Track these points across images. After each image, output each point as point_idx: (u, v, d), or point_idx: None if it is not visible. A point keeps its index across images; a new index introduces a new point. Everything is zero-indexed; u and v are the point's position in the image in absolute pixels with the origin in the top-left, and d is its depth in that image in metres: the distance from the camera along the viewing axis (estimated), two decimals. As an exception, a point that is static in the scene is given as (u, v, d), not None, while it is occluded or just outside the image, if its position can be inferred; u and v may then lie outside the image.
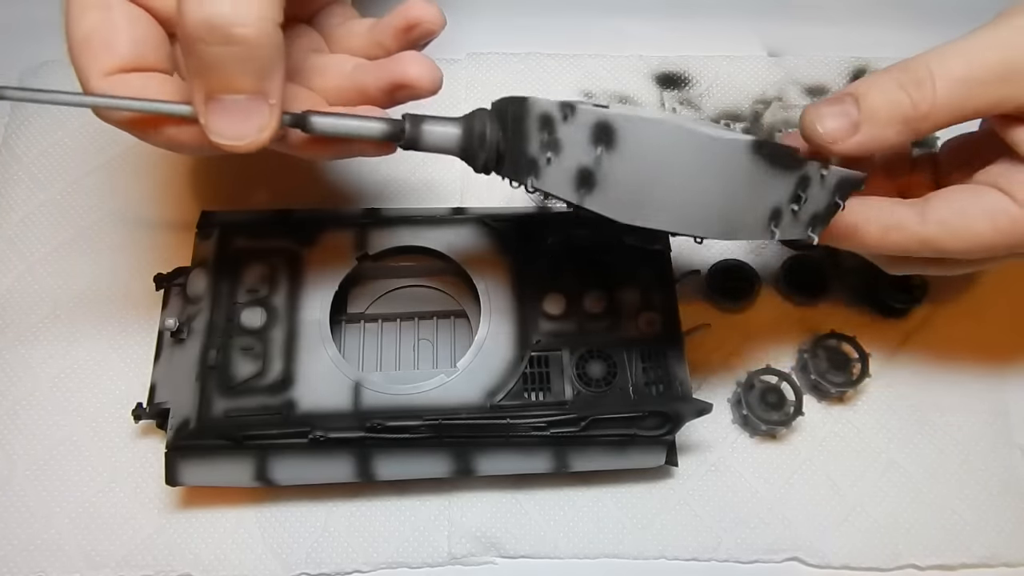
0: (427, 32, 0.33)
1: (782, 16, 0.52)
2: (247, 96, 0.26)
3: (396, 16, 0.33)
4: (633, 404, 0.36)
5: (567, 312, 0.38)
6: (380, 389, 0.36)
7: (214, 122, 0.26)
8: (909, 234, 0.32)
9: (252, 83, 0.26)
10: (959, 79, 0.30)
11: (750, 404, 0.40)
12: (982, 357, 0.43)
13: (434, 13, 0.32)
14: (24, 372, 0.41)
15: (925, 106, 0.30)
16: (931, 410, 0.42)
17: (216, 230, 0.39)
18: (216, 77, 0.26)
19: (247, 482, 0.36)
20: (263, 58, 0.26)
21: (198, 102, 0.26)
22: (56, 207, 0.45)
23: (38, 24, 0.51)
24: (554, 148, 0.28)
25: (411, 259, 0.41)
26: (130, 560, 0.38)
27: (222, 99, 0.26)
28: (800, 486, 0.40)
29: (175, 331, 0.38)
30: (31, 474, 0.39)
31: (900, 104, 0.30)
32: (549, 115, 0.27)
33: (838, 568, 0.39)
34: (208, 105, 0.26)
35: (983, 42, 0.30)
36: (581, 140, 0.27)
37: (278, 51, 0.26)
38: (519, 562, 0.39)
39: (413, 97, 0.32)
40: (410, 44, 0.33)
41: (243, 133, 0.27)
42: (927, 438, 0.41)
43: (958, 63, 0.30)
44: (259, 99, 0.26)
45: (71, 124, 0.47)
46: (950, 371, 0.42)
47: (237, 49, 0.25)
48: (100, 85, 0.28)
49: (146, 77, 0.29)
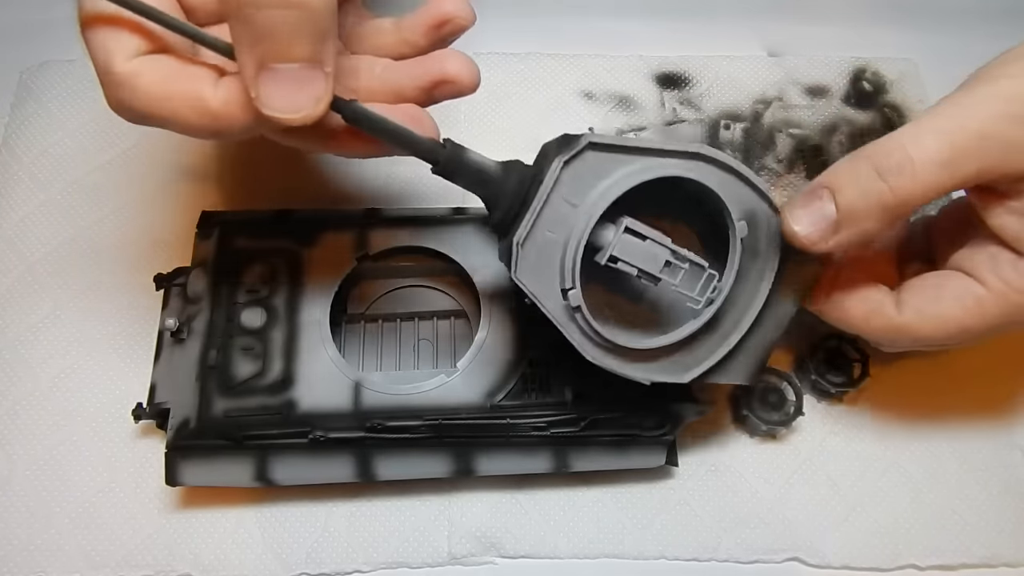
0: (459, 28, 0.32)
1: (782, 16, 0.53)
2: (302, 65, 0.25)
3: (426, 13, 0.32)
4: (633, 404, 0.36)
5: (567, 312, 0.38)
6: (380, 389, 0.36)
7: (267, 93, 0.25)
8: (887, 320, 0.33)
9: (309, 49, 0.24)
10: (938, 161, 0.28)
11: (750, 404, 0.40)
12: (982, 357, 0.43)
13: (465, 9, 0.32)
14: (24, 372, 0.41)
15: (904, 193, 0.29)
16: (931, 410, 0.42)
17: (216, 230, 0.39)
18: (271, 44, 0.24)
19: (247, 482, 0.36)
20: (321, 21, 0.24)
21: (248, 74, 0.25)
22: (56, 207, 0.45)
23: (38, 24, 0.51)
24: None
25: (411, 259, 0.41)
26: (130, 560, 0.38)
27: (275, 69, 0.24)
28: (800, 486, 0.40)
29: (175, 331, 0.38)
30: (31, 474, 0.39)
31: (879, 195, 0.29)
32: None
33: (838, 568, 0.39)
34: (260, 75, 0.25)
35: (960, 113, 0.29)
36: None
37: (333, 16, 0.25)
38: (519, 562, 0.39)
39: (454, 94, 0.32)
40: (440, 41, 0.32)
41: (299, 104, 0.25)
42: (927, 438, 0.41)
43: (935, 143, 0.28)
44: (315, 67, 0.25)
45: (71, 124, 0.47)
46: (950, 371, 0.42)
47: (295, 12, 0.24)
48: (125, 69, 0.26)
49: (167, 57, 0.27)
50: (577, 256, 0.29)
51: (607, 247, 0.30)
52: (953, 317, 0.31)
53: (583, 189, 0.29)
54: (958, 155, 0.28)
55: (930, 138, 0.29)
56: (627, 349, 0.31)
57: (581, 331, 0.30)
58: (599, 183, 0.29)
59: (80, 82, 0.48)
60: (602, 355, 0.31)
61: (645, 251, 0.30)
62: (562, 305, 0.30)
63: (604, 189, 0.29)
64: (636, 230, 0.30)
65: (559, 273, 0.30)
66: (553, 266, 0.30)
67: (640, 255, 0.30)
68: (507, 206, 0.29)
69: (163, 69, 0.26)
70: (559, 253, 0.29)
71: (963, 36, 0.49)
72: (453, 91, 0.31)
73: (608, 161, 0.29)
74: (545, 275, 0.30)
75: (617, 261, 0.30)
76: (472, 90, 0.31)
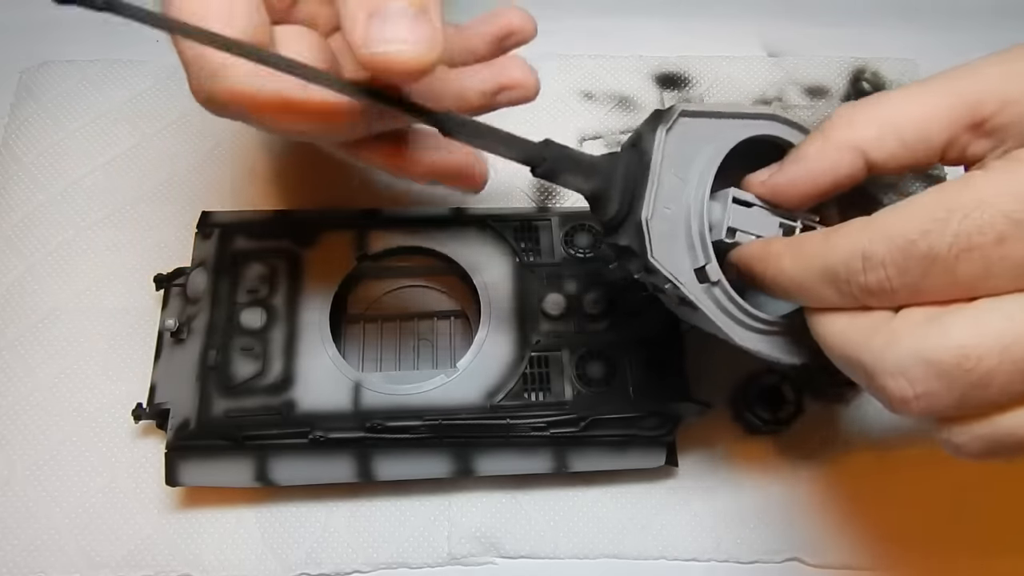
0: (523, 41, 0.33)
1: (782, 16, 0.53)
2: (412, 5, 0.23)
3: (491, 24, 0.32)
4: (633, 404, 0.36)
5: (567, 312, 0.38)
6: (380, 389, 0.36)
7: (379, 30, 0.23)
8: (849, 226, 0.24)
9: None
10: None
11: (750, 404, 0.40)
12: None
13: (529, 22, 0.32)
14: (24, 372, 0.41)
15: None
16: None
17: (216, 230, 0.39)
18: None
19: (247, 482, 0.36)
20: None
21: (360, 20, 0.23)
22: (56, 207, 0.45)
23: (38, 24, 0.51)
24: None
25: (411, 259, 0.41)
26: (130, 560, 0.38)
27: (385, 12, 0.23)
28: (800, 486, 0.40)
29: (175, 331, 0.38)
30: (31, 474, 0.39)
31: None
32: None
33: (838, 568, 0.39)
34: (371, 20, 0.23)
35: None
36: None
37: None
38: (519, 562, 0.39)
39: (517, 100, 0.32)
40: (502, 51, 0.33)
41: (412, 37, 0.23)
42: (927, 438, 0.41)
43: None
44: (424, 14, 0.23)
45: (71, 125, 0.47)
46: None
47: None
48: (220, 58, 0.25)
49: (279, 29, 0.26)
50: (704, 228, 0.28)
51: (721, 221, 0.28)
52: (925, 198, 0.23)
53: (687, 160, 0.28)
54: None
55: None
56: (769, 322, 0.29)
57: (722, 307, 0.28)
58: (700, 151, 0.29)
59: (80, 82, 0.48)
60: (746, 334, 0.29)
61: (757, 218, 0.29)
62: (697, 284, 0.28)
63: (707, 155, 0.28)
64: (742, 199, 0.29)
65: (687, 251, 0.28)
66: (678, 245, 0.28)
67: (755, 223, 0.29)
68: (619, 195, 0.28)
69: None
70: (682, 230, 0.28)
71: (963, 36, 0.49)
72: (517, 97, 0.32)
73: (703, 127, 0.29)
74: (674, 255, 0.28)
75: (735, 233, 0.28)
76: (534, 96, 0.32)
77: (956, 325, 0.21)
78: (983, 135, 0.25)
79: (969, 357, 0.20)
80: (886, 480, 0.40)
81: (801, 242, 0.25)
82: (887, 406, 0.23)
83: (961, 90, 0.24)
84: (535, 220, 0.40)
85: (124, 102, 0.48)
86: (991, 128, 0.24)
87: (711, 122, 0.29)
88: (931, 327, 0.21)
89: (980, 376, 0.20)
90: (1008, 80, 0.24)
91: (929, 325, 0.21)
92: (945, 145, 0.25)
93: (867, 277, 0.22)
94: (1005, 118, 0.24)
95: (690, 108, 0.28)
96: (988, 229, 0.20)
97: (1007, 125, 0.24)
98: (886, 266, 0.22)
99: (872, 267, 0.22)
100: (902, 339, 0.22)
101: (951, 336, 0.21)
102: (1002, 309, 0.21)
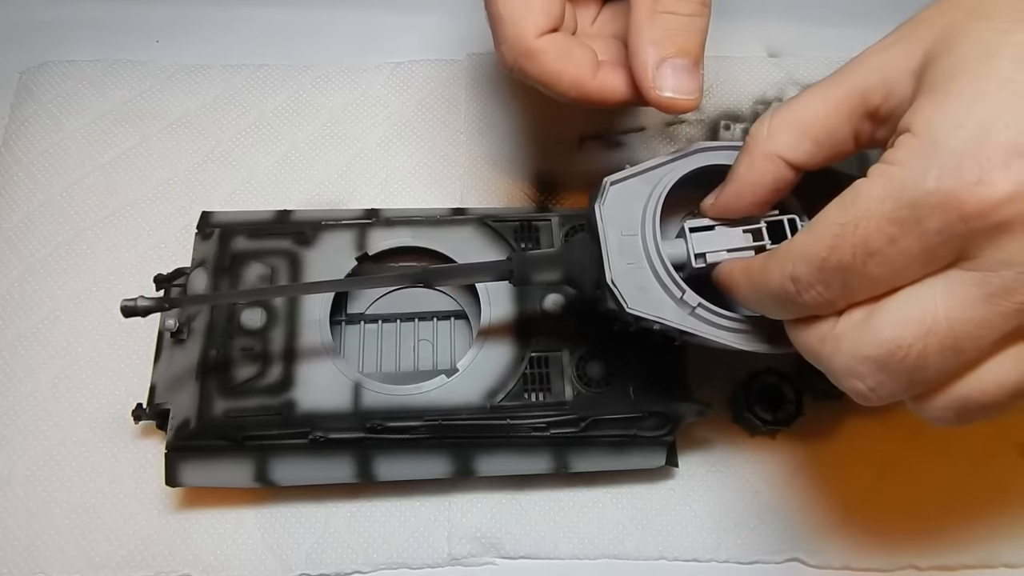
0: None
1: (782, 16, 0.52)
2: (692, 61, 0.30)
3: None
4: (633, 404, 0.36)
5: (567, 312, 0.38)
6: (380, 389, 0.36)
7: (664, 80, 0.30)
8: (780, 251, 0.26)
9: (700, 50, 0.30)
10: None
11: (750, 404, 0.40)
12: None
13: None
14: (24, 372, 0.41)
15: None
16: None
17: (216, 230, 0.39)
18: (678, 41, 0.30)
19: (247, 483, 0.36)
20: (707, 30, 0.31)
21: (650, 63, 0.30)
22: (56, 207, 0.45)
23: (38, 24, 0.51)
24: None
25: (411, 259, 0.40)
26: (130, 560, 0.38)
27: (673, 62, 0.30)
28: (800, 486, 0.40)
29: (175, 331, 0.38)
30: (31, 474, 0.39)
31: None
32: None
33: (838, 568, 0.39)
34: (661, 67, 0.30)
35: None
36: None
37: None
38: (519, 563, 0.39)
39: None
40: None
41: (690, 89, 0.30)
42: (927, 438, 0.41)
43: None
44: (698, 66, 0.30)
45: (71, 124, 0.47)
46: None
47: (699, 20, 0.30)
48: (535, 45, 0.31)
49: (560, 35, 0.32)
50: (668, 265, 0.30)
51: (688, 255, 0.30)
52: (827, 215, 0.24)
53: (632, 218, 0.31)
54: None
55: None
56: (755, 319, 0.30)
57: (711, 324, 0.30)
58: (640, 205, 0.31)
59: (80, 82, 0.48)
60: (740, 338, 0.30)
61: (721, 236, 0.30)
62: (681, 314, 0.30)
63: (649, 206, 0.31)
64: (699, 226, 0.31)
65: (664, 290, 0.30)
66: (654, 288, 0.30)
67: (720, 240, 0.30)
68: (588, 273, 0.32)
69: (559, 50, 0.31)
70: (651, 277, 0.30)
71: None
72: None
73: (636, 185, 0.32)
74: (652, 298, 0.30)
75: (706, 256, 0.30)
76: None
77: (882, 322, 0.23)
78: (879, 123, 0.26)
79: (900, 347, 0.22)
80: (886, 480, 0.40)
81: (749, 269, 0.28)
82: (855, 400, 0.25)
83: (852, 83, 0.26)
84: (535, 220, 0.40)
85: (124, 102, 0.48)
86: (884, 115, 0.25)
87: (642, 177, 0.32)
88: (864, 328, 0.23)
89: (915, 360, 0.22)
90: (887, 67, 0.25)
91: (863, 327, 0.24)
92: (853, 136, 0.26)
93: (803, 297, 0.24)
94: (891, 105, 0.25)
95: (616, 177, 0.32)
96: (877, 235, 0.22)
97: (894, 111, 0.25)
98: (813, 285, 0.24)
99: (803, 288, 0.24)
100: (843, 344, 0.24)
101: (880, 333, 0.23)
102: (916, 296, 0.23)
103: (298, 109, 0.48)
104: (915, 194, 0.21)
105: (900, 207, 0.22)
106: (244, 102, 0.48)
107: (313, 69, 0.50)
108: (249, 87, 0.49)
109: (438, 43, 0.51)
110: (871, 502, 0.40)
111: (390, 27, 0.51)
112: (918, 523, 0.39)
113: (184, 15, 0.51)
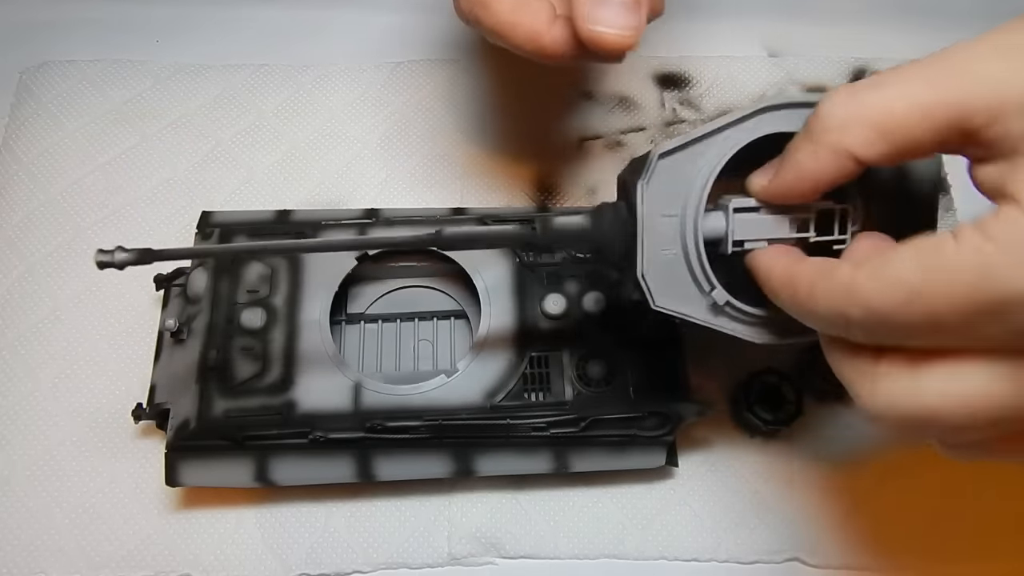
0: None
1: (782, 16, 0.52)
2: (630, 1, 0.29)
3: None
4: (633, 404, 0.36)
5: (567, 312, 0.38)
6: (380, 389, 0.36)
7: (599, 16, 0.29)
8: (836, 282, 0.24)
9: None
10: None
11: (750, 404, 0.40)
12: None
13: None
14: (24, 372, 0.41)
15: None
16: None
17: (216, 230, 0.39)
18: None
19: (247, 482, 0.36)
20: None
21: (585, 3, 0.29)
22: (56, 207, 0.45)
23: (38, 24, 0.51)
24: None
25: (411, 259, 0.41)
26: (130, 560, 0.38)
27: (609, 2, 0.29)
28: (800, 486, 0.40)
29: (175, 331, 0.38)
30: (31, 474, 0.39)
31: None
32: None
33: (838, 568, 0.39)
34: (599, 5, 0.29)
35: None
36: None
37: None
38: (519, 563, 0.39)
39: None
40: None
41: (624, 25, 0.29)
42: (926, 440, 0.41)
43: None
44: (639, 4, 0.29)
45: (71, 124, 0.47)
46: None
47: None
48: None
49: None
50: (703, 259, 0.28)
51: (726, 237, 0.29)
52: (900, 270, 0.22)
53: (675, 197, 0.28)
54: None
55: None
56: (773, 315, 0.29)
57: (735, 320, 0.29)
58: (687, 184, 0.28)
59: (80, 82, 0.48)
60: (754, 332, 0.29)
61: (765, 222, 0.28)
62: (706, 308, 0.29)
63: (694, 188, 0.28)
64: (745, 207, 0.28)
65: (694, 283, 0.29)
66: (683, 280, 0.29)
67: (764, 227, 0.28)
68: (617, 247, 0.30)
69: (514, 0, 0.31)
70: (683, 266, 0.29)
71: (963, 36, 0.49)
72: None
73: (685, 160, 0.28)
74: (680, 292, 0.29)
75: (743, 243, 0.28)
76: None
77: (929, 388, 0.22)
78: (974, 143, 0.23)
79: (939, 417, 0.22)
80: (886, 481, 0.40)
81: (792, 283, 0.26)
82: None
83: (951, 95, 0.22)
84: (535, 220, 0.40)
85: (124, 102, 0.48)
86: (983, 140, 0.22)
87: (694, 148, 0.28)
88: (908, 383, 0.22)
89: (950, 429, 0.22)
90: (1000, 90, 0.22)
91: (906, 380, 0.22)
92: (937, 146, 0.24)
93: (848, 332, 0.23)
94: (996, 134, 0.22)
95: (666, 147, 0.28)
96: (953, 315, 0.21)
97: (997, 141, 0.22)
98: (864, 330, 0.23)
99: (853, 326, 0.23)
100: (880, 387, 0.23)
101: (923, 398, 0.22)
102: (972, 374, 0.21)
103: (298, 109, 0.49)
104: (1011, 292, 0.19)
105: (992, 298, 0.20)
106: (244, 102, 0.49)
107: (313, 69, 0.50)
108: (249, 87, 0.49)
109: (438, 43, 0.51)
110: (871, 502, 0.40)
111: (390, 27, 0.51)
112: (918, 523, 0.39)
113: (184, 15, 0.51)
